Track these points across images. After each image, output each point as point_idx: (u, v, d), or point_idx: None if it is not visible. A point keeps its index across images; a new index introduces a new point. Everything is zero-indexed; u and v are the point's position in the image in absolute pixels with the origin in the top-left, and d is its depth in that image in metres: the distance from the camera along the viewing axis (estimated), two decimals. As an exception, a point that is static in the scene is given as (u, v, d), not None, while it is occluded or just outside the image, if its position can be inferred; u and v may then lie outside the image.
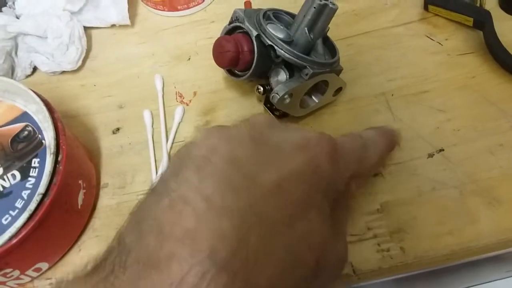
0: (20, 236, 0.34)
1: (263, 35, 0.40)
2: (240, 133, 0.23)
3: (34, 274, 0.40)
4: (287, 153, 0.23)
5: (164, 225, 0.19)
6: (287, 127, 0.26)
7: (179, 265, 0.17)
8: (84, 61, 0.52)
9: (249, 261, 0.18)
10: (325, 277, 0.23)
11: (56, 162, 0.37)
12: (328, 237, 0.23)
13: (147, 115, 0.48)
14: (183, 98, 0.49)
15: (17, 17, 0.52)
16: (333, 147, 0.24)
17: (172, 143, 0.46)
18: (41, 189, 0.36)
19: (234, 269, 0.17)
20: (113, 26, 0.55)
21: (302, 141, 0.24)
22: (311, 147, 0.23)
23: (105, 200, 0.44)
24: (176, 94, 0.50)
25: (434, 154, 0.43)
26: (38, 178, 0.38)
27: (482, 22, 0.48)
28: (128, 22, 0.53)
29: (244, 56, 0.41)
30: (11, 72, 0.51)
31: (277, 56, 0.40)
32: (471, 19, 0.49)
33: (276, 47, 0.39)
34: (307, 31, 0.40)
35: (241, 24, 0.41)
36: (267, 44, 0.40)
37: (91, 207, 0.43)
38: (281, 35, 0.40)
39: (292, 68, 0.41)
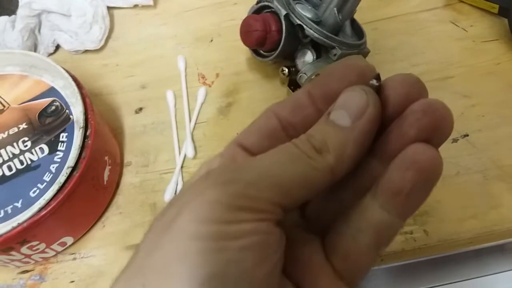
0: (49, 208, 0.35)
1: (292, 15, 0.40)
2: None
3: (59, 248, 0.40)
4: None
5: None
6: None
7: None
8: (106, 40, 0.52)
9: None
10: None
11: (85, 137, 0.38)
12: None
13: (170, 96, 0.48)
14: (206, 80, 0.49)
15: (41, -5, 0.52)
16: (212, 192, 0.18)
17: (195, 123, 0.47)
18: (71, 162, 0.36)
19: None
20: (135, 6, 0.55)
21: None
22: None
23: (129, 178, 0.44)
24: (198, 75, 0.50)
25: (458, 139, 0.43)
26: (66, 152, 0.38)
27: (507, 9, 0.48)
28: (151, 2, 0.53)
29: (271, 35, 0.41)
30: (34, 50, 0.51)
31: (305, 36, 0.40)
32: (497, 6, 0.49)
33: (305, 27, 0.39)
34: (336, 11, 0.39)
35: (269, 4, 0.41)
36: (295, 24, 0.40)
37: (115, 184, 0.43)
38: (309, 15, 0.40)
39: (319, 49, 0.41)
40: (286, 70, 0.43)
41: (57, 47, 0.53)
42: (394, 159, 0.18)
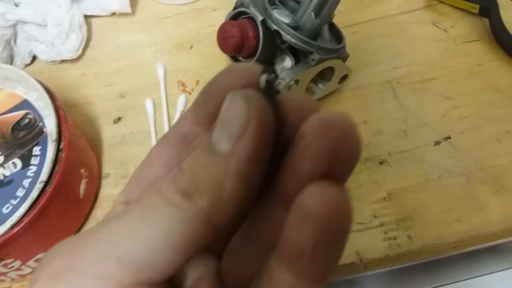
0: (22, 225, 0.34)
1: (268, 20, 0.39)
2: None
3: (35, 265, 0.39)
4: None
5: None
6: None
7: None
8: (84, 50, 0.52)
9: None
10: None
11: (58, 150, 0.37)
12: None
13: (149, 104, 0.47)
14: (186, 87, 0.49)
15: (16, 5, 0.51)
16: None
17: (175, 132, 0.46)
18: (43, 176, 0.35)
19: None
20: (113, 14, 0.54)
21: None
22: None
23: (107, 190, 0.43)
24: (178, 83, 0.49)
25: (441, 142, 0.42)
26: (40, 166, 0.37)
27: (488, 9, 0.48)
28: (129, 10, 0.53)
29: (249, 41, 0.40)
30: (10, 61, 0.50)
31: (283, 42, 0.39)
32: (477, 6, 0.48)
33: (282, 32, 0.39)
34: (313, 16, 0.39)
35: (246, 9, 0.40)
36: (272, 29, 0.39)
37: (93, 197, 0.42)
38: (287, 20, 0.39)
39: (298, 54, 0.40)
40: (266, 76, 0.42)
41: (34, 57, 0.52)
42: (290, 208, 0.14)
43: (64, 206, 0.38)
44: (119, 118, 0.47)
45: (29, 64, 0.52)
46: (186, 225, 0.13)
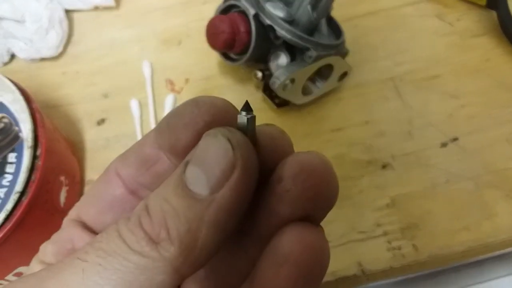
0: (-4, 240, 0.31)
1: (261, 14, 0.36)
2: None
3: (15, 280, 0.36)
4: None
5: None
6: None
7: None
8: (65, 46, 0.48)
9: None
10: None
11: (34, 157, 0.34)
12: None
13: (134, 105, 0.44)
14: (174, 86, 0.46)
15: (-8, -1, 0.48)
16: None
17: (163, 134, 0.43)
18: (19, 187, 0.33)
19: None
20: (96, 8, 0.50)
21: None
22: None
23: (91, 197, 0.40)
24: (166, 81, 0.46)
25: (447, 144, 0.40)
26: (15, 174, 0.34)
27: (496, 1, 0.45)
28: (112, 3, 0.49)
29: (240, 37, 0.37)
30: (-14, 59, 0.47)
31: (277, 37, 0.36)
32: (484, -3, 0.45)
33: (276, 27, 0.36)
34: (310, 9, 0.36)
35: (237, 2, 0.37)
36: (266, 24, 0.36)
37: (75, 205, 0.39)
38: (281, 14, 0.36)
39: (293, 51, 0.38)
40: (260, 74, 0.40)
41: (13, 55, 0.49)
42: (266, 249, 0.13)
43: (43, 217, 0.35)
44: (103, 120, 0.44)
45: (7, 63, 0.49)
46: (150, 275, 0.12)
